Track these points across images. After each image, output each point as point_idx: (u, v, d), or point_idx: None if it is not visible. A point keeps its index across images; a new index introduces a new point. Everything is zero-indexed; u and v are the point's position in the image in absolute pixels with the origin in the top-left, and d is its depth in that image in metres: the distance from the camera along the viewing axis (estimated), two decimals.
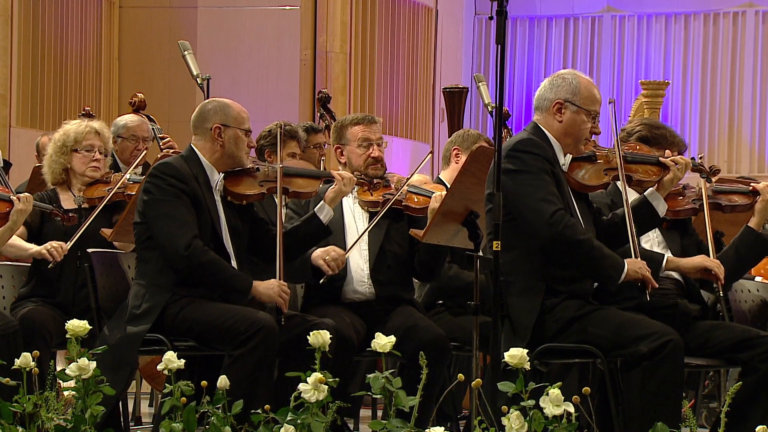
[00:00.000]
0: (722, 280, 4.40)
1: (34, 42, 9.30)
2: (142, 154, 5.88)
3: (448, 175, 5.38)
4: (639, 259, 4.22)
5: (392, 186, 4.96)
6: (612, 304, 4.30)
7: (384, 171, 5.02)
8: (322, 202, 4.72)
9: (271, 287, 4.50)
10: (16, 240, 5.06)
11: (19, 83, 9.15)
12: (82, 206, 5.15)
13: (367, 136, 4.98)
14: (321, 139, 6.60)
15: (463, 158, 5.33)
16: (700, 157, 4.71)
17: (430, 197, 4.86)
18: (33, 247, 5.03)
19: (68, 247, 5.00)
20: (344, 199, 4.94)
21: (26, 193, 4.92)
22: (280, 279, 4.52)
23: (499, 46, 3.88)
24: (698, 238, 4.67)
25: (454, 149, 5.40)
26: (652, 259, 4.39)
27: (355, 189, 4.95)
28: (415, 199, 4.91)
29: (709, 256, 4.51)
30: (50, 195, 5.21)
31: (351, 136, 5.00)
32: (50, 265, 4.97)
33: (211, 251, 4.48)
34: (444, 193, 4.76)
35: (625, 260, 4.20)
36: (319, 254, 4.79)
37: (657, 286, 4.22)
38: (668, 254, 4.50)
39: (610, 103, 4.40)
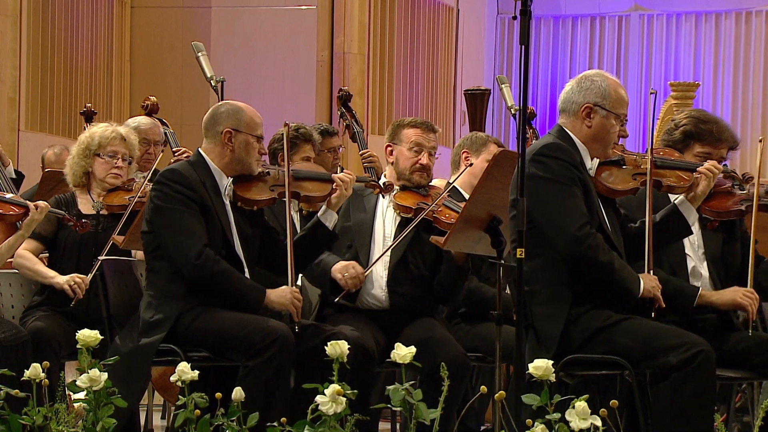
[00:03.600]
0: (753, 317, 4.35)
1: (43, 43, 9.35)
2: (157, 158, 5.89)
3: (459, 179, 5.39)
4: (650, 274, 4.21)
5: (430, 197, 4.95)
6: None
7: (429, 181, 5.03)
8: (324, 207, 4.72)
9: (283, 295, 4.51)
10: (37, 264, 5.10)
11: (28, 86, 9.20)
12: (100, 212, 5.17)
13: (420, 141, 4.98)
14: (336, 143, 6.54)
15: (472, 161, 5.34)
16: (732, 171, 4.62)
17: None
18: (53, 278, 5.06)
19: (89, 280, 5.04)
20: (379, 200, 4.96)
21: (44, 202, 4.94)
22: (291, 286, 4.53)
23: (523, 46, 3.88)
24: (747, 240, 4.60)
25: (464, 152, 5.40)
26: (684, 293, 4.38)
27: (395, 191, 4.95)
28: (447, 214, 4.90)
29: (747, 264, 4.47)
30: (68, 198, 5.23)
31: (404, 137, 5.00)
32: (72, 303, 5.02)
33: (222, 261, 4.49)
34: None
35: (640, 276, 4.19)
36: (338, 269, 4.80)
37: (664, 306, 4.19)
38: (701, 289, 4.44)
39: (651, 93, 4.37)
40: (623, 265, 4.19)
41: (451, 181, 5.28)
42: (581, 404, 3.47)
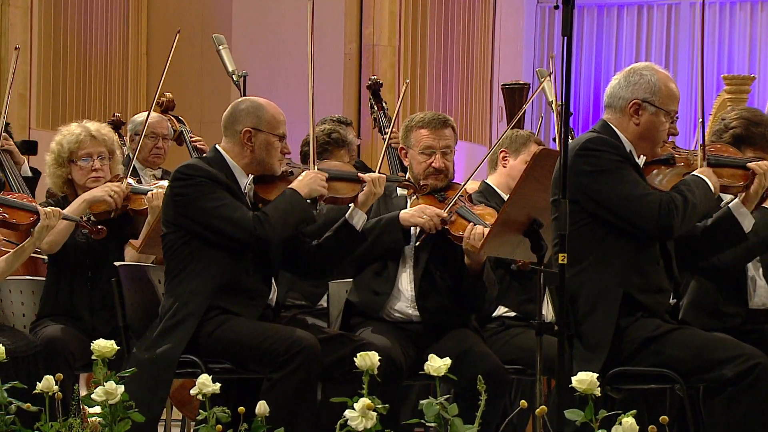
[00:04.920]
0: None
1: (55, 36, 9.42)
2: (167, 154, 5.87)
3: (495, 179, 5.37)
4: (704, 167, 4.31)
5: (446, 201, 4.90)
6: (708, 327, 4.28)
7: (448, 182, 4.98)
8: (352, 206, 4.71)
9: (311, 180, 4.54)
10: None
11: (39, 81, 9.27)
12: (90, 219, 5.11)
13: (430, 143, 4.93)
14: (351, 136, 6.44)
15: (511, 161, 5.33)
16: None
17: (477, 225, 4.75)
18: (84, 197, 5.02)
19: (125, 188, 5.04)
20: (408, 203, 4.96)
21: (54, 208, 4.92)
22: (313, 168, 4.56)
23: (566, 37, 3.88)
24: None
25: (502, 152, 5.37)
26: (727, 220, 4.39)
27: (415, 196, 4.95)
28: (459, 225, 4.81)
29: None
30: (60, 202, 5.18)
31: (415, 140, 4.97)
32: (112, 214, 5.01)
33: (265, 212, 4.49)
34: (486, 230, 4.71)
35: (701, 174, 4.27)
36: (414, 213, 4.78)
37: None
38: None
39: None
40: (696, 197, 4.22)
41: (463, 184, 5.14)
42: (629, 420, 3.45)
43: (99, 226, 5.00)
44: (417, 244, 4.83)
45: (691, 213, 4.22)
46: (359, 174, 4.74)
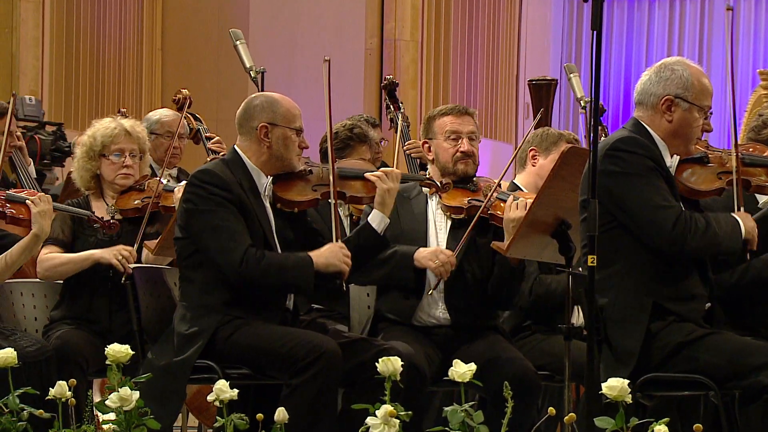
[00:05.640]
0: None
1: (68, 31, 9.45)
2: (182, 153, 5.88)
3: (524, 179, 5.36)
4: (742, 212, 4.25)
5: (481, 191, 4.93)
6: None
7: (476, 169, 5.00)
8: (372, 209, 4.69)
9: (332, 254, 4.50)
10: (65, 256, 5.07)
11: (51, 78, 9.30)
12: (115, 218, 5.16)
13: (455, 128, 4.98)
14: (375, 136, 6.48)
15: (540, 161, 5.32)
16: None
17: (515, 203, 4.78)
18: (93, 255, 5.04)
19: (135, 252, 5.05)
20: (429, 203, 4.95)
21: (40, 193, 4.93)
22: (336, 242, 4.51)
23: (595, 31, 3.87)
24: None
25: (531, 150, 5.37)
26: None
27: (437, 196, 4.94)
28: (502, 205, 4.85)
29: None
30: (81, 203, 5.23)
31: (438, 128, 5.00)
32: (123, 279, 5.02)
33: (265, 254, 4.49)
34: (528, 201, 4.73)
35: (737, 217, 4.21)
36: (427, 256, 4.78)
37: (755, 249, 4.23)
38: None
39: (728, 10, 4.33)
40: (720, 230, 4.19)
41: (498, 180, 5.18)
42: (661, 429, 3.45)
43: (112, 221, 5.01)
44: (431, 292, 4.84)
45: (710, 241, 4.16)
46: (365, 174, 4.70)
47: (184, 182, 5.09)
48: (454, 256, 4.78)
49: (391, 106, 7.17)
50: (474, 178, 4.99)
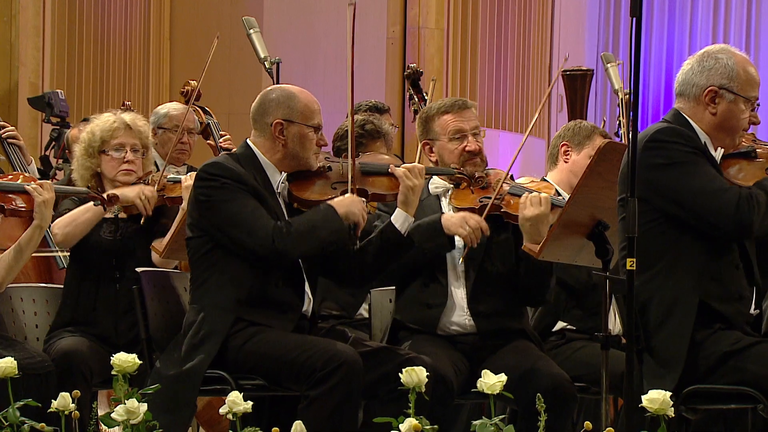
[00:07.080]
0: None
1: (70, 19, 9.49)
2: (192, 149, 5.91)
3: (556, 176, 5.36)
4: None
5: (491, 187, 4.91)
6: None
7: (485, 167, 4.99)
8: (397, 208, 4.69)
9: (351, 202, 4.53)
10: (78, 211, 5.07)
11: (52, 70, 9.34)
12: (119, 216, 5.18)
13: (459, 126, 4.97)
14: (386, 125, 6.43)
15: (573, 156, 5.31)
16: None
17: (530, 199, 4.75)
18: (115, 193, 5.01)
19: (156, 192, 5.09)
20: (442, 203, 4.94)
21: (43, 180, 4.94)
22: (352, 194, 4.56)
23: (634, 18, 3.87)
24: None
25: (563, 145, 5.37)
26: None
27: (450, 192, 4.93)
28: (512, 202, 4.84)
29: None
30: (81, 202, 5.23)
31: (440, 128, 4.99)
32: (142, 220, 5.06)
33: (291, 222, 4.50)
34: (544, 195, 4.72)
35: None
36: (456, 222, 4.77)
37: None
38: None
39: None
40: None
41: (506, 173, 5.14)
42: None
43: (111, 195, 4.98)
44: (461, 260, 4.83)
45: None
46: (390, 168, 4.71)
47: (192, 172, 5.11)
48: (483, 220, 4.77)
49: (415, 97, 7.15)
50: (485, 173, 4.97)
